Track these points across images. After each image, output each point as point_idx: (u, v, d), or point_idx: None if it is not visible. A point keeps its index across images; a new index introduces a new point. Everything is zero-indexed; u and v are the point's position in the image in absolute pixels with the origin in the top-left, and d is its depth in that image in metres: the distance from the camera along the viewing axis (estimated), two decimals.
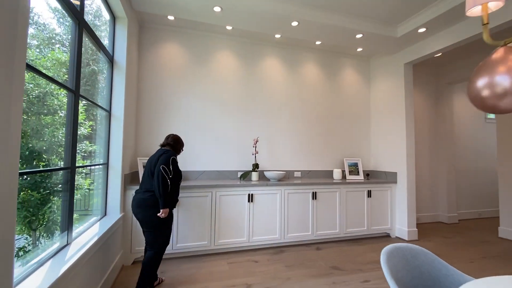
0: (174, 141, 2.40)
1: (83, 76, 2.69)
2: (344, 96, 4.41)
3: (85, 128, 2.79)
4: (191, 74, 3.63)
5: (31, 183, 2.43)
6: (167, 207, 2.12)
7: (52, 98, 2.51)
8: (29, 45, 1.73)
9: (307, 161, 4.14)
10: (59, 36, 2.10)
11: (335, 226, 3.62)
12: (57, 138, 2.57)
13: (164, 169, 2.10)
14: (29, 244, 2.37)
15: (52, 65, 2.14)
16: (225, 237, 3.14)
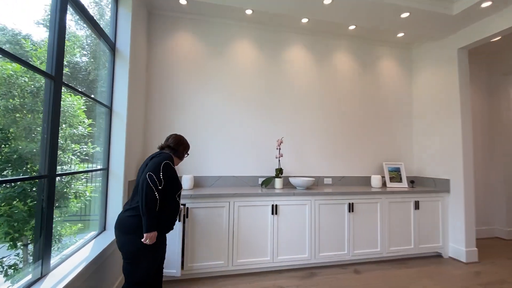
0: (176, 142, 1.90)
1: (75, 64, 2.35)
2: (381, 90, 3.79)
3: (84, 127, 2.44)
4: (205, 67, 3.20)
5: (17, 192, 2.08)
6: (154, 229, 1.56)
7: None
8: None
9: (339, 165, 3.56)
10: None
11: (375, 244, 3.02)
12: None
13: (150, 178, 1.56)
14: (19, 262, 2.02)
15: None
16: (245, 255, 2.64)
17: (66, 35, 1.63)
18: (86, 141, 2.49)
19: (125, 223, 1.61)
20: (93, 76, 2.38)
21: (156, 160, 1.68)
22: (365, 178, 3.60)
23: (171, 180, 1.71)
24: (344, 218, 2.93)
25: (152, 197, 1.54)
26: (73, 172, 1.91)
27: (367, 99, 3.73)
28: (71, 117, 2.41)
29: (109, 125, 2.22)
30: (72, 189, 2.50)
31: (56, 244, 2.36)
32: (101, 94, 2.25)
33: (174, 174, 1.75)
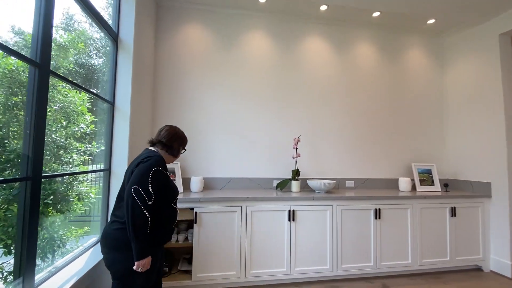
0: (170, 137, 1.55)
1: (72, 56, 2.18)
2: (409, 84, 3.43)
3: (86, 124, 2.28)
4: (216, 61, 2.99)
5: (13, 195, 1.93)
6: (147, 255, 1.30)
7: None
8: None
9: (362, 166, 3.23)
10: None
11: (406, 255, 2.68)
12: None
13: (137, 193, 1.27)
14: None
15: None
16: (259, 266, 2.39)
17: (70, 30, 1.47)
18: (90, 140, 2.34)
19: (112, 238, 1.35)
20: (96, 70, 2.22)
21: (143, 168, 1.35)
22: (392, 180, 3.26)
23: (164, 189, 1.43)
24: (370, 226, 2.62)
25: (140, 217, 1.26)
26: (63, 173, 1.73)
27: (393, 93, 3.38)
28: (74, 114, 2.26)
29: (111, 122, 2.05)
30: (75, 191, 2.35)
31: (60, 249, 2.22)
32: (103, 89, 2.08)
33: (166, 180, 1.45)
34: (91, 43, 2.21)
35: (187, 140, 1.69)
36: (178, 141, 1.58)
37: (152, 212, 1.32)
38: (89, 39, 2.15)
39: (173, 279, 2.30)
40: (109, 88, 2.05)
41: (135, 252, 1.27)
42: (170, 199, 1.48)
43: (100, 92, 2.01)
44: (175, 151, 1.58)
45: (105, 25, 1.90)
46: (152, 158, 1.40)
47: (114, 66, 2.07)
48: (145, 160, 1.39)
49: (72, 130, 2.21)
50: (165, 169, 1.45)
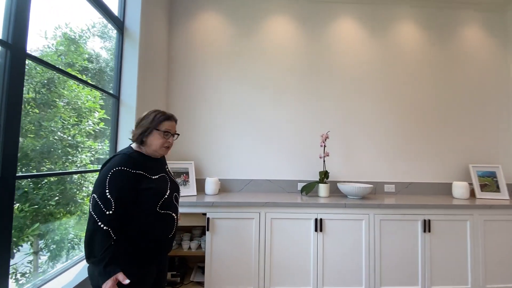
0: (135, 126, 1.26)
1: (87, 53, 2.05)
2: (464, 69, 2.85)
3: (94, 122, 2.14)
4: (234, 51, 2.72)
5: (17, 195, 1.84)
6: (109, 276, 1.02)
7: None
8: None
9: (405, 168, 2.74)
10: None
11: (464, 278, 2.15)
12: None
13: (93, 202, 1.05)
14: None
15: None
16: (281, 282, 2.06)
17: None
18: (102, 139, 2.21)
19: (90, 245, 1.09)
20: (101, 62, 2.08)
21: (100, 173, 1.13)
22: (443, 185, 2.71)
23: (134, 192, 1.13)
24: (417, 240, 2.14)
25: (93, 231, 1.03)
26: (44, 174, 1.55)
27: (444, 81, 2.82)
28: (84, 111, 2.15)
29: (116, 117, 1.87)
30: (84, 192, 2.25)
31: (73, 251, 2.12)
32: (106, 82, 1.92)
33: (138, 182, 1.15)
34: (97, 34, 2.07)
35: (164, 121, 1.25)
36: (144, 120, 1.23)
37: (117, 222, 1.07)
38: (93, 28, 2.02)
39: None
40: (114, 81, 1.88)
41: (98, 275, 1.02)
42: (151, 203, 1.17)
43: (104, 86, 1.85)
44: (139, 139, 1.22)
45: (109, 13, 1.74)
46: (112, 158, 1.16)
47: (119, 57, 1.90)
48: (109, 160, 1.17)
49: (79, 128, 2.10)
50: (134, 167, 1.14)
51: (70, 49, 2.04)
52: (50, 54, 1.95)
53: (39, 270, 1.81)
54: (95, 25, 2.10)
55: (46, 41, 1.88)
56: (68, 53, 2.02)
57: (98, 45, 2.18)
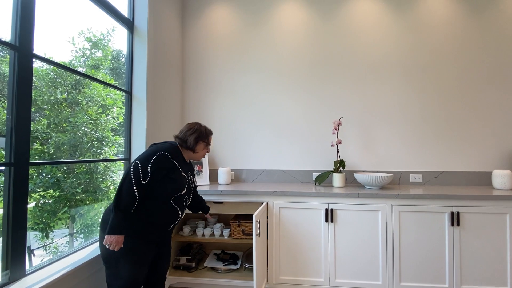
0: (185, 130, 1.52)
1: (110, 54, 2.22)
2: (505, 45, 2.44)
3: (114, 116, 2.33)
4: (245, 42, 2.71)
5: (51, 182, 2.09)
6: (118, 233, 1.21)
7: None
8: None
9: (435, 156, 2.46)
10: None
11: (502, 279, 1.88)
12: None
13: (134, 167, 1.26)
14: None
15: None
16: (290, 272, 2.03)
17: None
18: (123, 132, 2.40)
19: (104, 217, 1.34)
20: (116, 61, 2.24)
21: (150, 149, 1.37)
22: (482, 174, 2.38)
23: (165, 177, 1.34)
24: (444, 235, 1.93)
25: (128, 191, 1.22)
26: (54, 161, 1.72)
27: (484, 58, 2.45)
28: (107, 108, 2.35)
29: (129, 111, 2.01)
30: (108, 181, 2.47)
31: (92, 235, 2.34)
32: (121, 78, 2.07)
33: (171, 170, 1.37)
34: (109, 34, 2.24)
35: (210, 135, 1.60)
36: (194, 134, 1.50)
37: (143, 194, 1.27)
38: (113, 31, 2.18)
39: (199, 275, 2.17)
40: (126, 77, 2.02)
41: (109, 224, 1.21)
42: (170, 192, 1.36)
43: (119, 83, 2.00)
44: (191, 145, 1.49)
45: (119, 15, 1.86)
46: (164, 143, 1.43)
47: (130, 54, 2.03)
48: (159, 143, 1.44)
49: (104, 124, 2.31)
50: (175, 158, 1.40)
51: (92, 52, 2.24)
52: (78, 58, 2.18)
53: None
54: (115, 28, 2.28)
55: (74, 47, 2.10)
56: (90, 56, 2.23)
57: (119, 46, 2.36)
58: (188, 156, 1.54)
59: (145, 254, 1.34)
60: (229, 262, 2.31)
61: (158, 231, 1.38)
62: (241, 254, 2.45)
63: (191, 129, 1.52)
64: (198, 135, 1.51)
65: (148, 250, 1.36)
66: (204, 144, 1.55)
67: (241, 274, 2.19)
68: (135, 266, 1.30)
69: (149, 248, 1.36)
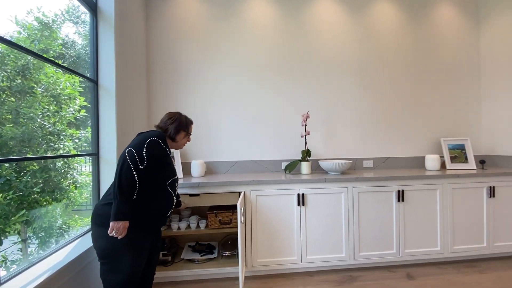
0: (166, 119, 1.55)
1: (60, 39, 1.98)
2: (437, 46, 2.96)
3: (75, 109, 2.11)
4: (214, 34, 2.70)
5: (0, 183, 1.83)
6: (124, 218, 1.21)
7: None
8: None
9: (382, 144, 2.88)
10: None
11: (434, 242, 2.36)
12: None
13: (129, 153, 1.25)
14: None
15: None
16: (267, 255, 2.19)
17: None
18: (84, 126, 2.19)
19: (98, 213, 1.31)
20: (77, 49, 2.03)
21: (141, 136, 1.37)
22: (418, 158, 2.89)
23: (159, 163, 1.37)
24: (392, 209, 2.31)
25: (128, 176, 1.22)
26: (23, 158, 1.56)
27: (418, 59, 2.93)
28: (64, 99, 2.11)
29: (96, 102, 1.86)
30: (69, 179, 2.25)
31: (62, 238, 2.14)
32: (82, 65, 1.89)
33: (163, 155, 1.40)
34: (71, 19, 2.01)
35: (190, 124, 1.65)
36: (174, 124, 1.52)
37: (143, 180, 1.28)
38: (67, 13, 1.95)
39: (177, 268, 2.17)
40: (91, 65, 1.85)
41: (112, 211, 1.20)
42: (166, 177, 1.41)
43: (80, 70, 1.82)
44: (172, 133, 1.52)
45: None
46: (153, 131, 1.44)
47: (94, 40, 1.86)
48: (145, 131, 1.43)
49: (60, 115, 2.07)
50: (165, 144, 1.42)
51: (43, 34, 1.97)
52: (22, 40, 1.89)
53: (30, 258, 1.85)
54: (69, 10, 2.03)
55: (17, 27, 1.81)
56: (41, 39, 1.96)
57: (72, 31, 2.12)
58: (170, 146, 1.55)
59: (144, 244, 1.34)
60: (206, 252, 2.36)
61: (157, 218, 1.39)
62: (217, 243, 2.52)
63: (172, 118, 1.53)
64: (178, 124, 1.54)
65: (147, 240, 1.36)
66: (184, 133, 1.59)
67: (219, 262, 2.27)
68: (136, 258, 1.29)
69: (148, 238, 1.37)
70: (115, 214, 1.19)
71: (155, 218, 1.39)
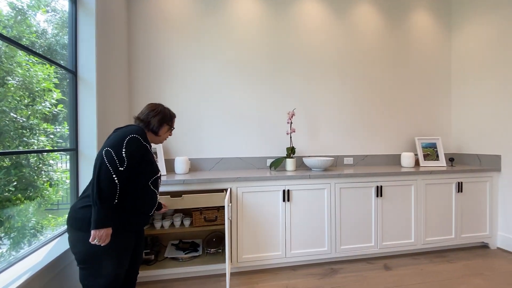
0: (147, 112, 1.42)
1: (34, 26, 1.85)
2: (413, 50, 3.13)
3: (51, 103, 1.98)
4: (198, 29, 2.66)
5: None
6: (106, 225, 1.13)
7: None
8: None
9: (362, 142, 3.00)
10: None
11: (409, 234, 2.51)
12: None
13: (107, 154, 1.15)
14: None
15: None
16: (252, 250, 2.21)
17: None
18: (61, 121, 2.06)
19: (76, 217, 1.20)
20: (51, 38, 1.90)
21: (119, 133, 1.25)
22: (394, 156, 3.04)
23: (141, 161, 1.27)
24: (371, 204, 2.42)
25: (107, 180, 1.12)
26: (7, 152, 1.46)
27: (396, 61, 3.09)
28: (38, 91, 1.97)
29: (74, 94, 1.76)
30: (44, 176, 2.11)
31: (37, 238, 2.01)
32: (60, 55, 1.78)
33: (145, 153, 1.30)
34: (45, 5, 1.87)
35: (173, 117, 1.54)
36: (157, 116, 1.42)
37: (124, 181, 1.20)
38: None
39: (160, 267, 2.12)
40: (69, 54, 1.75)
41: (93, 219, 1.11)
42: (148, 175, 1.31)
43: (58, 60, 1.71)
44: (155, 127, 1.41)
45: None
46: (131, 126, 1.32)
47: (73, 27, 1.76)
48: (123, 127, 1.32)
49: (36, 109, 1.94)
50: (145, 140, 1.31)
51: (17, 21, 1.83)
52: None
53: (0, 259, 1.72)
54: None
55: None
56: (14, 26, 1.81)
57: (43, 18, 1.98)
58: (150, 139, 1.45)
59: (127, 246, 1.27)
60: (190, 250, 2.33)
61: (141, 218, 1.32)
62: (201, 241, 2.49)
63: (154, 110, 1.42)
64: (162, 117, 1.44)
65: (130, 242, 1.29)
66: (168, 127, 1.49)
67: (204, 259, 2.25)
68: (119, 261, 1.22)
69: (130, 239, 1.29)
70: (95, 221, 1.10)
71: (138, 219, 1.31)
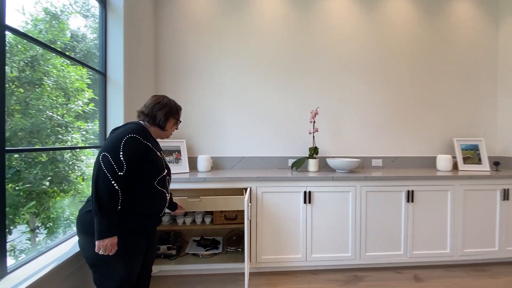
0: (152, 105, 1.33)
1: (67, 29, 1.97)
2: (452, 45, 2.86)
3: (83, 102, 2.11)
4: (223, 28, 2.67)
5: (11, 174, 1.86)
6: (110, 235, 1.08)
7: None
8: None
9: (392, 143, 2.82)
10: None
11: (443, 244, 2.30)
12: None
13: (105, 160, 1.08)
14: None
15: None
16: (271, 252, 2.17)
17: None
18: (92, 119, 2.19)
19: (82, 221, 1.18)
20: (85, 37, 2.02)
21: (115, 134, 1.17)
22: (429, 159, 2.81)
23: (142, 162, 1.20)
24: (401, 210, 2.26)
25: (107, 188, 1.06)
26: (34, 148, 1.56)
27: (433, 56, 2.84)
28: (72, 91, 2.12)
29: (104, 94, 1.86)
30: (77, 171, 2.26)
31: (69, 229, 2.17)
32: (92, 58, 1.88)
33: (146, 152, 1.22)
34: (80, 11, 2.00)
35: (179, 110, 1.45)
36: (163, 109, 1.32)
37: (124, 186, 1.12)
38: (75, 3, 1.94)
39: (181, 262, 2.18)
40: (99, 57, 1.85)
41: (96, 228, 1.06)
42: (152, 175, 1.24)
43: (90, 63, 1.82)
44: (161, 121, 1.32)
45: None
46: (127, 125, 1.23)
47: (103, 31, 1.85)
48: (120, 126, 1.24)
49: (68, 108, 2.08)
50: (145, 138, 1.22)
51: (52, 25, 1.97)
52: (30, 31, 1.89)
53: (38, 247, 1.88)
54: (77, 0, 2.02)
55: (24, 17, 1.81)
56: (49, 30, 1.95)
57: (81, 23, 2.11)
58: (156, 135, 1.37)
59: (138, 250, 1.25)
60: (211, 247, 2.36)
61: (150, 221, 1.29)
62: (221, 239, 2.51)
63: (159, 103, 1.33)
64: (168, 110, 1.34)
65: (142, 245, 1.27)
66: (174, 121, 1.41)
67: (223, 257, 2.26)
68: (130, 264, 1.20)
69: (142, 243, 1.27)
70: (98, 231, 1.05)
71: (148, 221, 1.27)
